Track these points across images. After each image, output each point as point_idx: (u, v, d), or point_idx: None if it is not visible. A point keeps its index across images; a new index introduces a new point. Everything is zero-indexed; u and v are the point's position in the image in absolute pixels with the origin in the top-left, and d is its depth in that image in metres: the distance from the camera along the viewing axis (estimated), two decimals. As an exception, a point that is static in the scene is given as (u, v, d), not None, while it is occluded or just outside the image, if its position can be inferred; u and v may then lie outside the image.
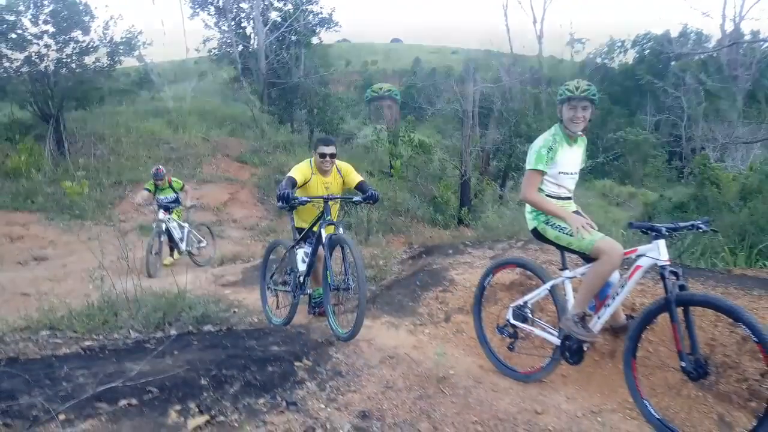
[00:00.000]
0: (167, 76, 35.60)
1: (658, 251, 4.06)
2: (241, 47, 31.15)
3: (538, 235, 4.85)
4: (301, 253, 6.54)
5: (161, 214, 12.07)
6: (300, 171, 6.50)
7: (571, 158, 4.75)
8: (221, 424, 3.60)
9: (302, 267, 6.48)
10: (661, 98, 42.70)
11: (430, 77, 26.11)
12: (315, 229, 6.35)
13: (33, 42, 20.44)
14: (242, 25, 32.50)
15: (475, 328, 5.56)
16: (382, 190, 12.48)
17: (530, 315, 5.13)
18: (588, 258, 4.56)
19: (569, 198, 4.89)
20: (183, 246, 12.65)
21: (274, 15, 31.61)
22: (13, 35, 20.04)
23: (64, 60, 20.96)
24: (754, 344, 3.55)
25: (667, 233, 4.10)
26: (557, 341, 4.76)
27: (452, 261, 8.12)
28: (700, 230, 4.15)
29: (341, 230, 5.97)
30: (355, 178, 6.78)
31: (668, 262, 4.02)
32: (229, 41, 31.06)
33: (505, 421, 4.08)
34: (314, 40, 33.14)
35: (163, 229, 12.06)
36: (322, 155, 6.53)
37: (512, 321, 5.18)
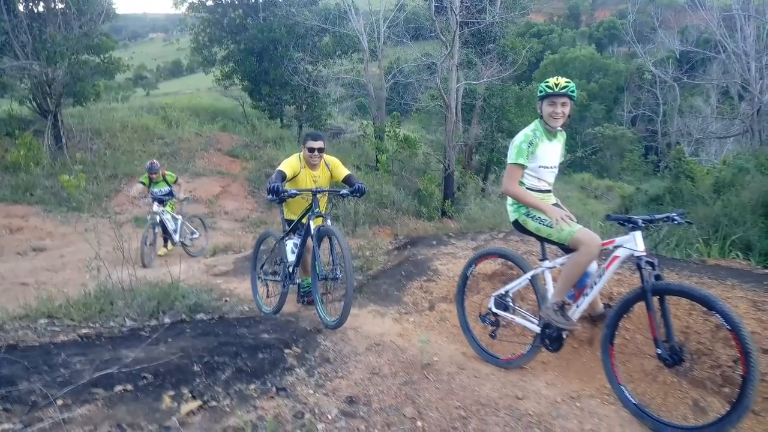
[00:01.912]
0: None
1: (635, 242, 4.06)
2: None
3: (519, 226, 4.85)
4: (291, 244, 6.52)
5: (155, 207, 12.04)
6: (289, 165, 6.47)
7: (551, 152, 4.74)
8: (213, 409, 3.59)
9: (291, 257, 6.46)
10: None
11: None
12: (304, 221, 6.32)
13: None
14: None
15: (458, 317, 5.56)
16: (368, 184, 12.48)
17: (511, 304, 5.13)
18: (567, 249, 4.56)
19: (549, 191, 4.89)
20: (176, 237, 12.62)
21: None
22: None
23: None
24: (727, 332, 3.55)
25: (643, 225, 4.11)
26: (537, 329, 4.76)
27: (436, 252, 8.12)
28: (676, 222, 4.15)
29: (329, 222, 5.96)
30: (343, 171, 6.76)
31: (644, 253, 4.03)
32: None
33: (487, 406, 4.07)
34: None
35: (158, 220, 12.04)
36: (311, 149, 6.50)
37: (494, 309, 5.18)
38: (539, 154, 4.65)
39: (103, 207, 17.59)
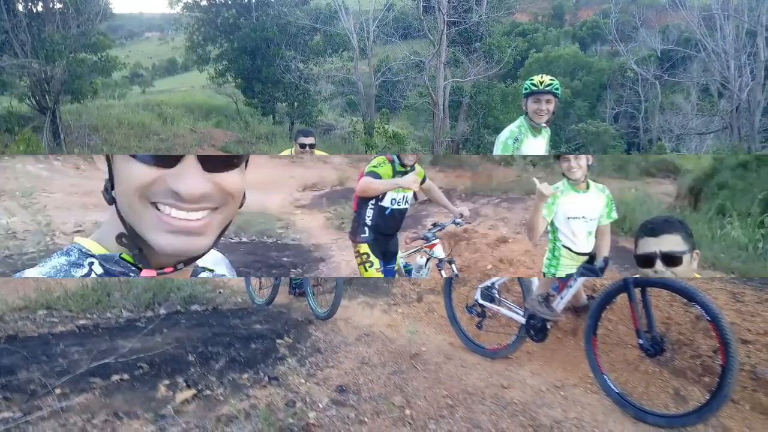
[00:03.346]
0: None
1: (617, 235, 4.08)
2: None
3: (505, 220, 4.85)
4: (283, 238, 6.52)
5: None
6: (282, 160, 6.46)
7: (536, 148, 4.73)
8: (207, 398, 3.59)
9: (284, 251, 6.46)
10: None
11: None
12: (296, 214, 6.32)
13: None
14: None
15: (446, 308, 5.56)
16: (359, 179, 12.41)
17: (497, 295, 5.14)
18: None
19: (534, 186, 4.89)
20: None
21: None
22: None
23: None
24: (707, 323, 3.56)
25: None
26: (523, 320, 4.77)
27: (425, 245, 8.12)
28: (656, 216, 4.16)
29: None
30: (334, 166, 6.76)
31: (626, 246, 4.04)
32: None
33: (474, 395, 4.08)
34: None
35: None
36: (302, 145, 6.49)
37: (480, 301, 5.19)
38: (524, 150, 4.64)
39: (100, 202, 17.52)
